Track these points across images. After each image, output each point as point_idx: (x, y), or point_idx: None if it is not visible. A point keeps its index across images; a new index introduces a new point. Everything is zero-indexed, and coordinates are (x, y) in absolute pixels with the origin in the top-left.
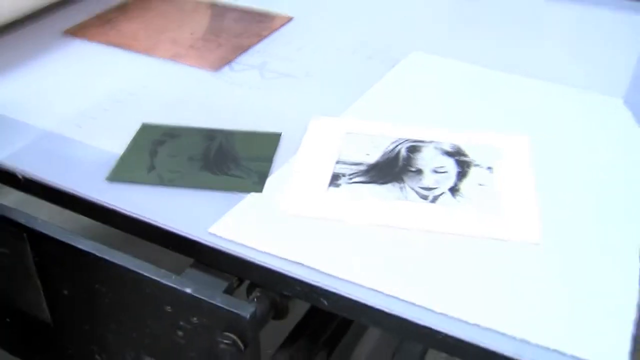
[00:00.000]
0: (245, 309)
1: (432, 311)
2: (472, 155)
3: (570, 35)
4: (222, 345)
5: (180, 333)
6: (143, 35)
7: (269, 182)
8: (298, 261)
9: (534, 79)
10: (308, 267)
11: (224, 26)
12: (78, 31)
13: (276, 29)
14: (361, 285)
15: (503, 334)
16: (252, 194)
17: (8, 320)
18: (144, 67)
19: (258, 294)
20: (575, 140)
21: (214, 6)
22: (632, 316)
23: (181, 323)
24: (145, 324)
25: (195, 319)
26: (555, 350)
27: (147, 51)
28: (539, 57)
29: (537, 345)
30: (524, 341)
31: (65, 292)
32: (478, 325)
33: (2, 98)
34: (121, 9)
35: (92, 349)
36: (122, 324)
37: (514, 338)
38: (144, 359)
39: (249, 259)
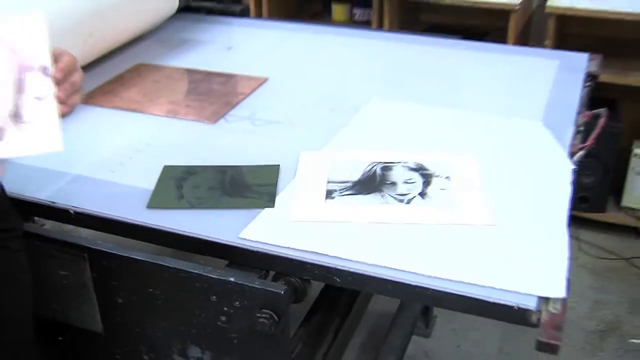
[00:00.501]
0: (279, 287)
1: (422, 274)
2: (432, 169)
3: (494, 77)
4: (261, 320)
5: (223, 318)
6: (144, 99)
7: (277, 200)
8: (313, 250)
9: (469, 111)
10: (321, 254)
11: (211, 88)
12: (87, 100)
13: (256, 88)
14: (365, 263)
15: (475, 285)
16: (266, 209)
17: (60, 338)
18: (152, 123)
19: (283, 281)
20: (509, 153)
21: (198, 73)
22: (566, 264)
23: (225, 309)
24: (192, 315)
25: (237, 302)
26: (514, 292)
27: (150, 111)
28: (470, 95)
29: (501, 289)
30: (491, 287)
31: (120, 300)
32: (460, 281)
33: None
34: (118, 81)
35: (140, 350)
36: (171, 320)
37: (483, 286)
38: (190, 348)
39: (274, 253)
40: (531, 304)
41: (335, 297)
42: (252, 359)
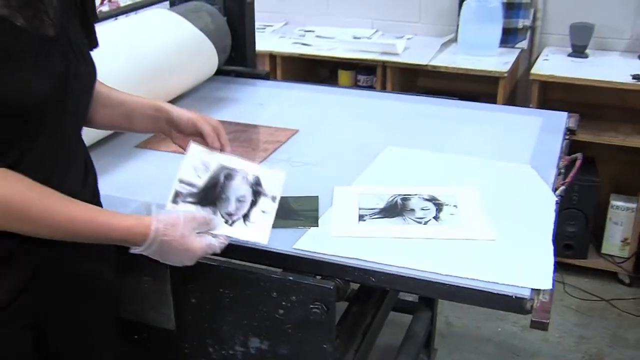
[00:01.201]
0: (329, 284)
1: (440, 274)
2: (442, 199)
3: (487, 130)
4: (314, 310)
5: (281, 311)
6: None
7: (320, 222)
8: (353, 257)
9: (467, 156)
10: (359, 259)
11: (251, 137)
12: (146, 145)
13: (290, 137)
14: (394, 265)
15: (482, 281)
16: (312, 228)
17: (136, 337)
18: None
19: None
20: (503, 188)
21: (238, 125)
22: (551, 265)
23: (283, 303)
24: (255, 310)
25: (294, 297)
26: (513, 285)
27: None
28: (467, 145)
29: (502, 284)
30: (494, 282)
31: (194, 300)
32: (470, 278)
33: (113, 185)
34: None
35: (206, 343)
36: (236, 315)
37: (488, 282)
38: (251, 339)
39: (323, 259)
40: (526, 294)
41: (364, 304)
42: (303, 345)
